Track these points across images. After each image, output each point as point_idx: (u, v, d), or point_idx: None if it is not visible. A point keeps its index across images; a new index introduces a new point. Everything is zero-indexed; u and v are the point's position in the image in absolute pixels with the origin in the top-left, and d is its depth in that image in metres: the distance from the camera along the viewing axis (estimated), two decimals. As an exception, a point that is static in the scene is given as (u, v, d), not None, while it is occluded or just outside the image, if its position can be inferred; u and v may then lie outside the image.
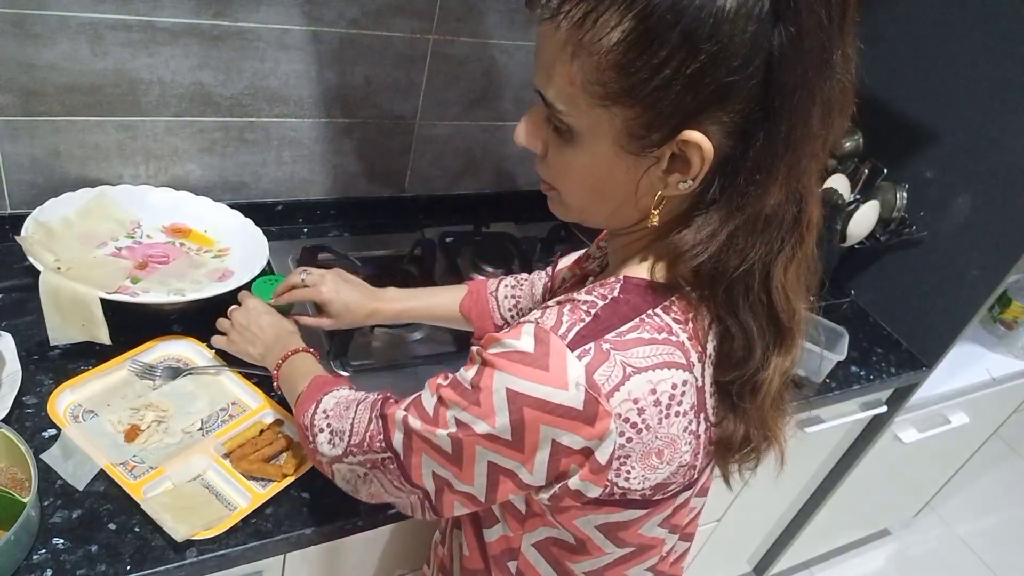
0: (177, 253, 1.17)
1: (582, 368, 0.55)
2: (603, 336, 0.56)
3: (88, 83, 1.09)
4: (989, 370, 1.81)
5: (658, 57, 0.49)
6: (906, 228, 1.51)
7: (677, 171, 0.55)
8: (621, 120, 0.53)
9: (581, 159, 0.57)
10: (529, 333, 0.57)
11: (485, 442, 0.58)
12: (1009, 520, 2.57)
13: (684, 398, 0.58)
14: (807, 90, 0.51)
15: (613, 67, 0.51)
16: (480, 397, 0.57)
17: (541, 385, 0.55)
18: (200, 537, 0.83)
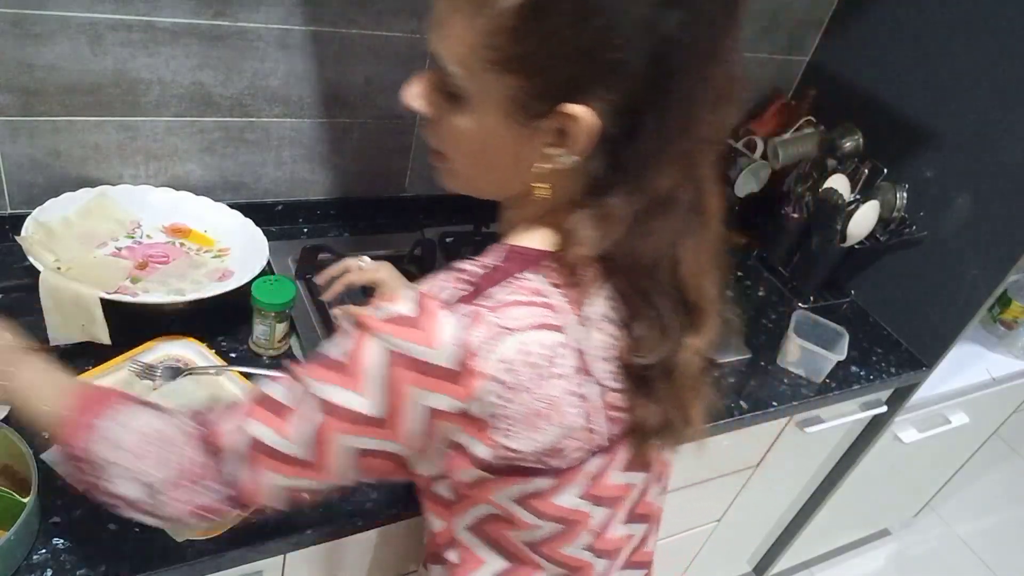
0: (177, 253, 1.17)
1: (455, 329, 0.55)
2: (480, 302, 0.57)
3: (88, 83, 1.09)
4: (989, 370, 1.81)
5: (550, 25, 0.50)
6: (906, 228, 1.52)
7: (561, 145, 0.55)
8: (509, 88, 0.53)
9: (470, 125, 0.58)
10: (409, 298, 0.57)
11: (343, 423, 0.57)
12: (1009, 520, 2.57)
13: (562, 360, 0.58)
14: (697, 76, 0.52)
15: (506, 32, 0.51)
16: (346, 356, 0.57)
17: (416, 344, 0.55)
18: (200, 537, 0.83)
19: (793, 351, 1.39)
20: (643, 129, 0.54)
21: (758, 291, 1.60)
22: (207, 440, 0.62)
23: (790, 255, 1.64)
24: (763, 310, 1.55)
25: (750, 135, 1.71)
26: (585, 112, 0.53)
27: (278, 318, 1.06)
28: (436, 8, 0.55)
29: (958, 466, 2.21)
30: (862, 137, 1.53)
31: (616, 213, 0.56)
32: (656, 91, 0.52)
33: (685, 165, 0.56)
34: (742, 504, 1.64)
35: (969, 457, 2.19)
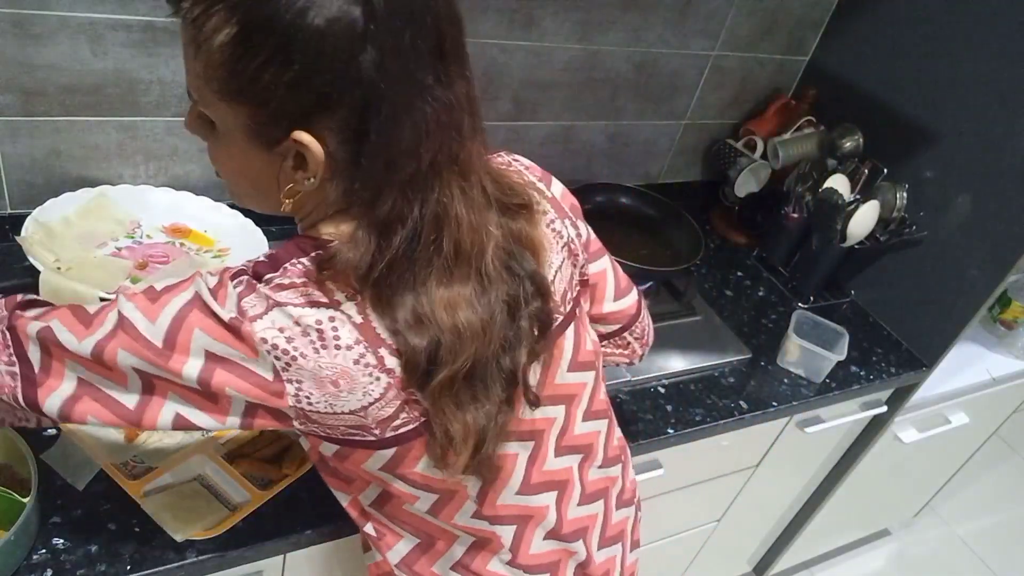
0: (177, 253, 1.17)
1: (236, 295, 0.61)
2: (255, 280, 0.62)
3: (88, 83, 1.09)
4: (989, 370, 1.81)
5: (256, 62, 0.55)
6: (906, 228, 1.52)
7: (302, 168, 0.61)
8: (241, 115, 0.59)
9: (223, 149, 0.64)
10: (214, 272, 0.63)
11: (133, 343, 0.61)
12: (1009, 520, 2.57)
13: (340, 332, 0.61)
14: (394, 107, 0.57)
15: (222, 66, 0.56)
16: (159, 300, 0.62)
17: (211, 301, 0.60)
18: (200, 537, 0.83)
19: (793, 351, 1.39)
20: (365, 155, 0.58)
21: (758, 291, 1.60)
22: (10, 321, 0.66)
23: (790, 255, 1.64)
24: (763, 310, 1.55)
25: (750, 135, 1.71)
26: (308, 139, 0.58)
27: None
28: (182, 37, 0.59)
29: (958, 466, 2.21)
30: (862, 137, 1.53)
31: (356, 235, 0.61)
32: (368, 121, 0.57)
33: (415, 189, 0.60)
34: (742, 504, 1.64)
35: (969, 457, 2.19)
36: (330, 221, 0.66)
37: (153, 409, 0.64)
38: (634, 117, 1.63)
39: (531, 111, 1.49)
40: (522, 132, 1.51)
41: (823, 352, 1.36)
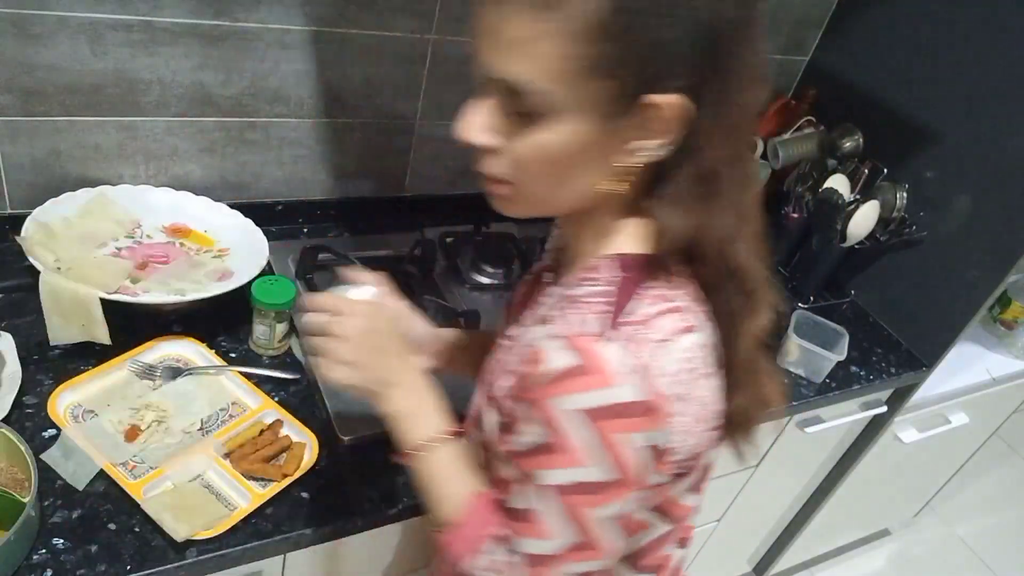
0: (177, 253, 1.17)
1: (623, 359, 0.55)
2: (625, 321, 0.57)
3: (88, 83, 1.09)
4: (989, 370, 1.81)
5: (633, 24, 0.51)
6: (906, 228, 1.52)
7: (646, 137, 0.56)
8: (595, 91, 0.54)
9: (551, 140, 0.56)
10: (557, 347, 0.57)
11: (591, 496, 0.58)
12: (1009, 520, 2.57)
13: (707, 359, 0.60)
14: (748, 50, 0.55)
15: (591, 38, 0.51)
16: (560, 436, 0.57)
17: (599, 390, 0.55)
18: (200, 537, 0.83)
19: (793, 351, 1.38)
20: (703, 108, 0.55)
21: (758, 291, 1.60)
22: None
23: (790, 255, 1.64)
24: (763, 310, 1.55)
25: (750, 135, 1.70)
26: (674, 99, 0.54)
27: (278, 318, 1.06)
28: (498, 34, 0.54)
29: (958, 466, 2.21)
30: (862, 137, 1.53)
31: (685, 194, 0.58)
32: (716, 70, 0.54)
33: (735, 139, 0.59)
34: (742, 504, 1.64)
35: (969, 457, 2.19)
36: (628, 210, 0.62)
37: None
38: (634, 117, 1.63)
39: (531, 111, 1.49)
40: (522, 132, 1.51)
41: (823, 352, 1.36)
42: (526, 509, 0.61)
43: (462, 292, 1.35)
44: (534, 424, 0.58)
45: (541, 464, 0.59)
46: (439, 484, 0.70)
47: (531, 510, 0.60)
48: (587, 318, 0.58)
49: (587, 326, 0.57)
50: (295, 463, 0.93)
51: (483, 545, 0.64)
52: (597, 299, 0.59)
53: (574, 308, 0.60)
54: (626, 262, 0.61)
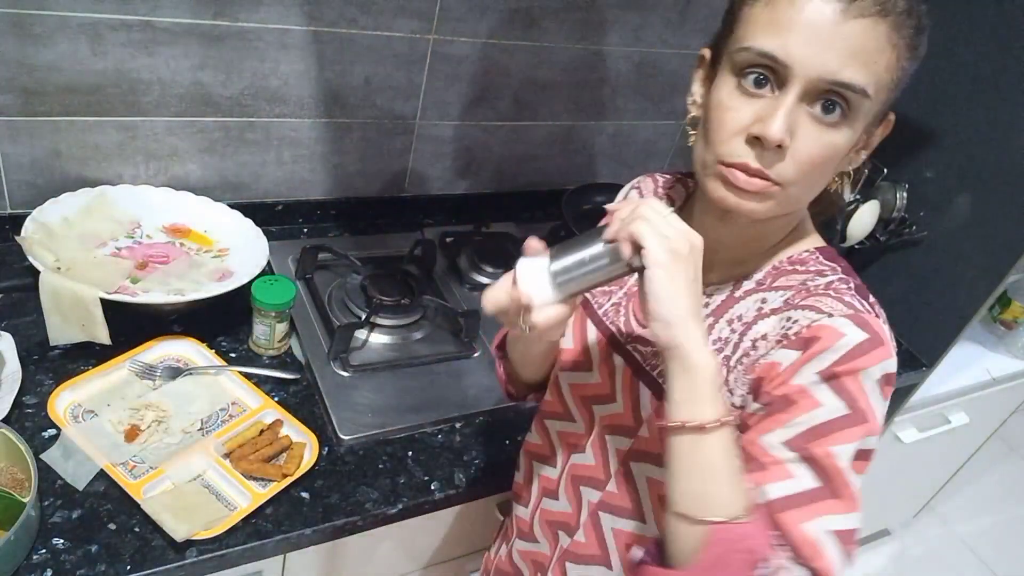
0: (177, 253, 1.17)
1: (887, 326, 0.63)
2: (868, 295, 0.66)
3: (88, 83, 1.09)
4: (989, 370, 1.81)
5: (917, 59, 0.61)
6: (906, 228, 1.51)
7: (863, 147, 0.66)
8: (885, 101, 0.62)
9: (841, 142, 0.61)
10: (846, 324, 0.60)
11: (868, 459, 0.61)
12: (1009, 520, 2.57)
13: None
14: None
15: (909, 53, 0.60)
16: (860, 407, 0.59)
17: (890, 360, 0.61)
18: (200, 537, 0.83)
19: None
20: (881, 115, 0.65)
21: (758, 291, 1.60)
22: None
23: (790, 255, 1.64)
24: (763, 310, 1.55)
25: (750, 135, 1.70)
26: (892, 116, 0.64)
27: (278, 318, 1.06)
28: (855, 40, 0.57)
29: (958, 466, 2.21)
30: (862, 137, 1.53)
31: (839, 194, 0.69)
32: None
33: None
34: (742, 504, 1.64)
35: (969, 457, 2.19)
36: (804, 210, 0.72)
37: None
38: (634, 117, 1.63)
39: (531, 111, 1.49)
40: (522, 132, 1.51)
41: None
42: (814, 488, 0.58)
43: (462, 292, 1.35)
44: (828, 396, 0.59)
45: (839, 439, 0.59)
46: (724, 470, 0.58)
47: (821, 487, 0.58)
48: (848, 299, 0.63)
49: (857, 305, 0.63)
50: (295, 463, 0.93)
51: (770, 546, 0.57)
52: (841, 285, 0.66)
53: (825, 296, 0.64)
54: (828, 253, 0.71)
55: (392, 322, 1.21)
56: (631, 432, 0.75)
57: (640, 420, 0.74)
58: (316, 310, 1.20)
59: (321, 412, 1.04)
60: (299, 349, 1.13)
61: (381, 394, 1.09)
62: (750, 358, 0.65)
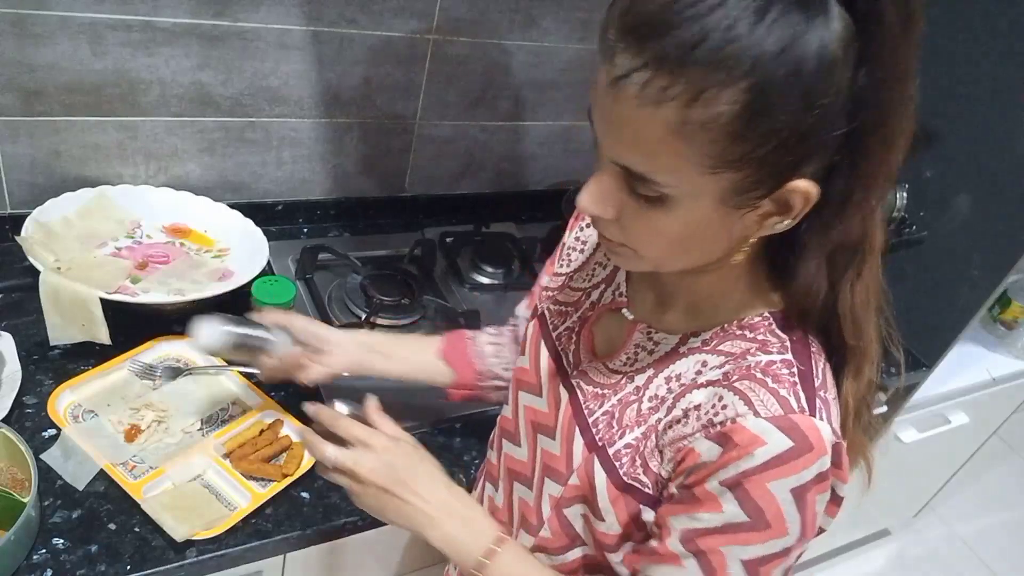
0: (177, 253, 1.17)
1: (829, 428, 0.57)
2: (816, 387, 0.59)
3: (88, 83, 1.09)
4: (989, 370, 1.81)
5: (774, 121, 0.49)
6: (906, 228, 1.51)
7: (776, 214, 0.55)
8: (728, 182, 0.52)
9: (671, 222, 0.55)
10: (769, 430, 0.55)
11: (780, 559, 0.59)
12: (1009, 520, 2.57)
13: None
14: (883, 124, 0.53)
15: (727, 138, 0.49)
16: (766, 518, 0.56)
17: (814, 466, 0.56)
18: (200, 537, 0.83)
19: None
20: (840, 182, 0.55)
21: (758, 291, 1.60)
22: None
23: (790, 255, 1.64)
24: (763, 310, 1.55)
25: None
26: (808, 185, 0.53)
27: None
28: (624, 124, 0.51)
29: (958, 466, 2.21)
30: (862, 137, 1.53)
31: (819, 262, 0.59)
32: (851, 147, 0.54)
33: (869, 208, 0.58)
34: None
35: (969, 457, 2.19)
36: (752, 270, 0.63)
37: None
38: (634, 117, 1.63)
39: (531, 111, 1.49)
40: (522, 132, 1.51)
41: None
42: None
43: (462, 292, 1.35)
44: (731, 505, 0.57)
45: (734, 542, 0.57)
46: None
47: None
48: (783, 393, 0.57)
49: (791, 402, 0.57)
50: (295, 463, 0.93)
51: None
52: (782, 369, 0.59)
53: (761, 384, 0.58)
54: (784, 321, 0.62)
55: (392, 322, 1.21)
56: (562, 479, 0.71)
57: (570, 468, 0.70)
58: (316, 310, 1.20)
59: (321, 412, 1.04)
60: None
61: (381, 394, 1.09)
62: (676, 432, 0.62)
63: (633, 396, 0.67)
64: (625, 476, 0.65)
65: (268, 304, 1.04)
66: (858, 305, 0.63)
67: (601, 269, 0.78)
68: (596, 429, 0.69)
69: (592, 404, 0.71)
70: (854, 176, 0.55)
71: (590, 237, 0.81)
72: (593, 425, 0.69)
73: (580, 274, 0.80)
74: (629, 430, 0.66)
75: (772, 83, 0.47)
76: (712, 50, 0.46)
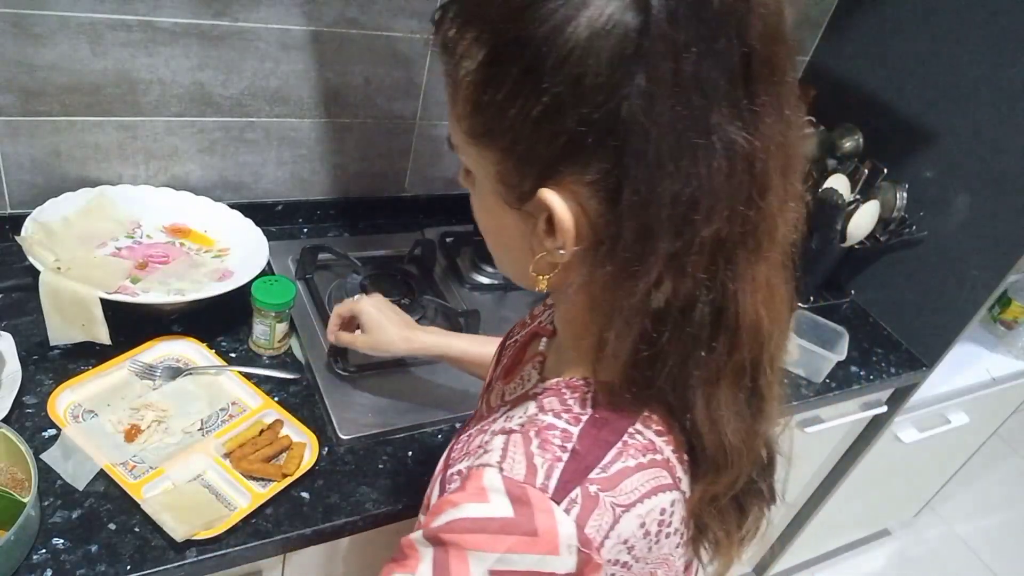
0: (177, 253, 1.17)
1: (573, 525, 0.46)
2: (588, 476, 0.48)
3: (88, 83, 1.09)
4: (989, 370, 1.81)
5: (502, 93, 0.43)
6: (906, 228, 1.51)
7: (547, 234, 0.48)
8: (490, 163, 0.48)
9: (476, 203, 0.53)
10: (499, 491, 0.47)
11: None
12: (1009, 520, 2.57)
13: (673, 518, 0.51)
14: (662, 155, 0.43)
15: (469, 101, 0.45)
16: None
17: (530, 555, 0.45)
18: (200, 537, 0.83)
19: (793, 351, 1.38)
20: (624, 219, 0.44)
21: (758, 291, 1.60)
22: None
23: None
24: (763, 310, 1.55)
25: (750, 135, 1.70)
26: (552, 197, 0.45)
27: (278, 318, 1.06)
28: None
29: (958, 466, 2.21)
30: (862, 137, 1.53)
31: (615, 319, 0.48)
32: (627, 174, 0.43)
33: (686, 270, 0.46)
34: (742, 504, 1.64)
35: (969, 457, 2.19)
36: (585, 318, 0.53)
37: None
38: (634, 117, 1.63)
39: (531, 111, 1.49)
40: (522, 132, 1.51)
41: (823, 352, 1.36)
42: None
43: (462, 292, 1.35)
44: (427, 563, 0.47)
45: None
46: None
47: None
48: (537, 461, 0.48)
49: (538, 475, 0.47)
50: (295, 463, 0.93)
51: None
52: (555, 438, 0.49)
53: (529, 442, 0.49)
54: (598, 395, 0.51)
55: (392, 322, 1.21)
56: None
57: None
58: (316, 310, 1.20)
59: (321, 412, 1.04)
60: (299, 349, 1.13)
61: (381, 394, 1.09)
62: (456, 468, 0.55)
63: (488, 424, 0.58)
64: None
65: (268, 305, 1.04)
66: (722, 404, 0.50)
67: None
68: (455, 449, 0.62)
69: (472, 422, 0.66)
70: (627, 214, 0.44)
71: None
72: (455, 444, 0.63)
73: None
74: (466, 457, 0.56)
75: (503, 43, 0.43)
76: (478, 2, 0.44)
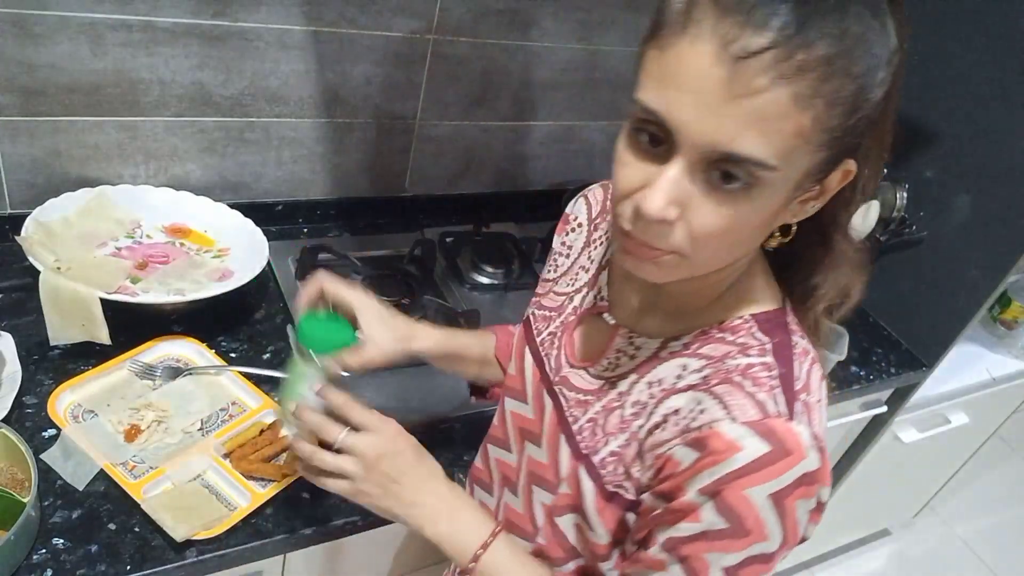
0: (177, 253, 1.17)
1: (808, 430, 0.55)
2: (798, 391, 0.58)
3: (88, 83, 1.09)
4: (989, 370, 1.81)
5: (869, 104, 0.52)
6: (906, 228, 1.52)
7: (813, 199, 0.58)
8: (818, 160, 0.52)
9: (750, 213, 0.53)
10: (745, 435, 0.54)
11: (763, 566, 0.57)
12: (1009, 520, 2.57)
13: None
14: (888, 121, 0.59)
15: (844, 114, 0.50)
16: (746, 525, 0.55)
17: (791, 470, 0.54)
18: (200, 537, 0.83)
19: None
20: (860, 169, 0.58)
21: (758, 291, 1.60)
22: None
23: (790, 255, 1.64)
24: (763, 310, 1.55)
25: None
26: (852, 164, 0.56)
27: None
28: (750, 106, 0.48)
29: (958, 466, 2.21)
30: (862, 137, 1.53)
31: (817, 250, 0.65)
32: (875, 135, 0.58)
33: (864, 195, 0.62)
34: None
35: (969, 457, 2.19)
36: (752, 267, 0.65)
37: None
38: (634, 117, 1.63)
39: (531, 111, 1.49)
40: (522, 132, 1.51)
41: (823, 352, 1.35)
42: None
43: (462, 292, 1.35)
44: (710, 512, 0.56)
45: (715, 548, 0.56)
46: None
47: None
48: (761, 397, 0.56)
49: (768, 406, 0.56)
50: (295, 463, 0.93)
51: None
52: (761, 372, 0.58)
53: (741, 387, 0.57)
54: (767, 322, 0.62)
55: (392, 322, 1.20)
56: (552, 488, 0.72)
57: (559, 477, 0.70)
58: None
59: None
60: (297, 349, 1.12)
61: (381, 394, 1.09)
62: (655, 438, 0.61)
63: (616, 402, 0.66)
64: (609, 485, 0.64)
65: (322, 352, 0.79)
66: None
67: (584, 273, 0.78)
68: (581, 437, 0.68)
69: (576, 411, 0.70)
70: (869, 157, 0.59)
71: (576, 241, 0.80)
72: (578, 433, 0.69)
73: (564, 278, 0.80)
74: (613, 437, 0.65)
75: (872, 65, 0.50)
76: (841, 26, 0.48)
